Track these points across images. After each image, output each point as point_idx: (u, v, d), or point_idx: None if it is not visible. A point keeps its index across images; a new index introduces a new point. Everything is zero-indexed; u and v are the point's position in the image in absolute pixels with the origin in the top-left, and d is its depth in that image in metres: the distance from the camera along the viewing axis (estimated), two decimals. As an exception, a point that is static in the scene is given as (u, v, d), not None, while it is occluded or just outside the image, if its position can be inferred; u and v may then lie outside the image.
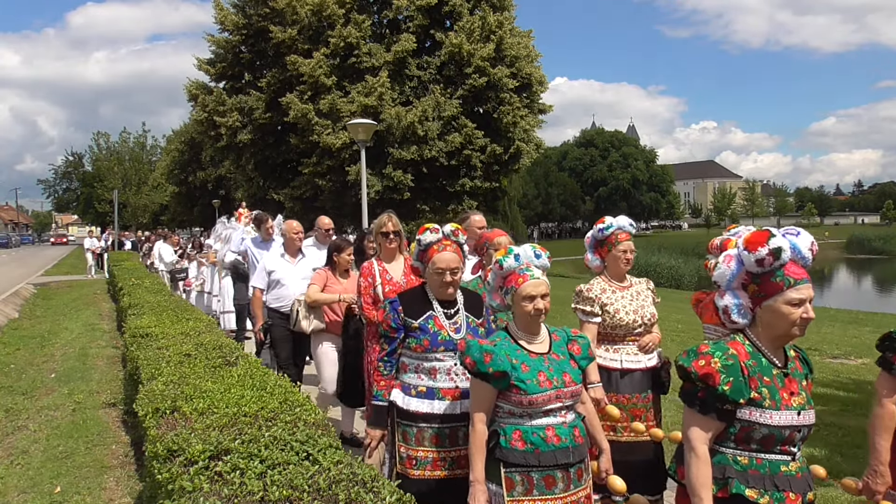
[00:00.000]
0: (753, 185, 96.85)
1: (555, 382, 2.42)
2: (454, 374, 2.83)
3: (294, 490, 1.98)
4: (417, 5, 22.13)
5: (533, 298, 2.47)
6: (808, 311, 1.99)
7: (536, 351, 2.49)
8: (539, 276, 2.53)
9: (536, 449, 2.37)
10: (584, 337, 2.67)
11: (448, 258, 2.87)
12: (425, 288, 2.97)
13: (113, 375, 7.24)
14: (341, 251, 4.83)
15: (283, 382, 3.25)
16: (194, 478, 2.11)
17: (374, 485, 2.04)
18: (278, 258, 5.59)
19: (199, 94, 23.98)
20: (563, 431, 2.42)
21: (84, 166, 63.53)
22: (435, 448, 2.79)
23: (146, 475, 3.18)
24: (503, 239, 3.83)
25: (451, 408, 2.81)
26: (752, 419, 1.99)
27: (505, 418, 2.44)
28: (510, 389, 2.38)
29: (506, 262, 2.56)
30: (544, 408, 2.40)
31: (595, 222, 3.63)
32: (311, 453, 2.26)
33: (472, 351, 2.44)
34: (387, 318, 2.90)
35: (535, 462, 2.37)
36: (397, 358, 2.92)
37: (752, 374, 2.00)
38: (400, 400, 2.86)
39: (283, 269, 5.46)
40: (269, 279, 5.43)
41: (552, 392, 2.40)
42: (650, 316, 3.47)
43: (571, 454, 2.41)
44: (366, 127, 11.14)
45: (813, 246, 2.05)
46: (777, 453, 2.02)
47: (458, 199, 23.30)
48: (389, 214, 4.23)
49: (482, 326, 2.98)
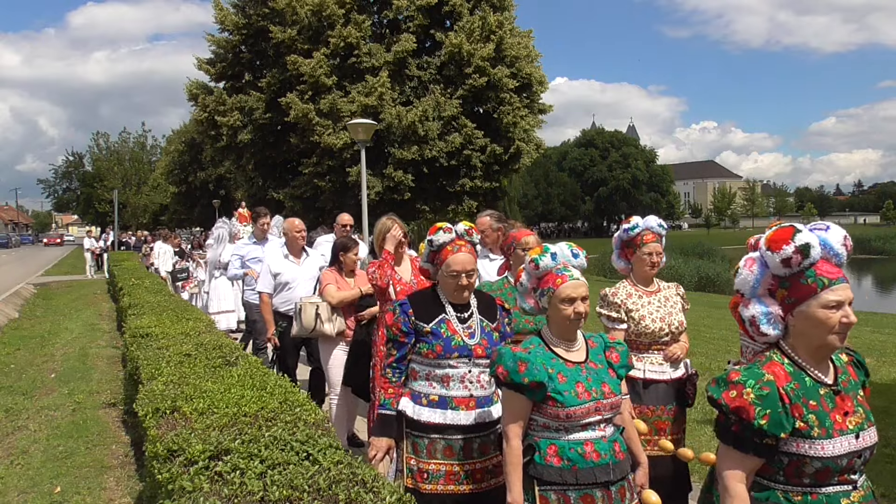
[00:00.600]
0: (753, 185, 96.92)
1: (594, 394, 2.24)
2: (468, 382, 2.67)
3: (294, 490, 1.98)
4: (417, 5, 22.13)
5: (573, 301, 2.27)
6: (847, 314, 1.73)
7: (573, 360, 2.30)
8: (578, 276, 2.34)
9: (574, 465, 2.20)
10: (622, 344, 2.50)
11: (463, 259, 2.71)
12: (437, 290, 2.81)
13: (113, 375, 7.24)
14: (348, 250, 4.58)
15: (283, 382, 3.24)
16: (194, 478, 2.11)
17: (374, 485, 2.03)
18: (282, 259, 5.29)
19: (199, 94, 23.98)
20: (602, 447, 2.24)
21: (84, 166, 63.52)
22: (448, 461, 2.63)
23: (146, 475, 3.17)
24: (531, 238, 3.56)
25: (465, 418, 2.65)
26: (801, 452, 1.73)
27: (539, 432, 2.27)
28: (546, 402, 2.21)
29: (542, 262, 2.36)
30: (582, 421, 2.22)
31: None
32: (311, 453, 2.26)
33: (505, 359, 2.26)
34: (396, 321, 2.72)
35: (573, 480, 2.19)
36: (407, 364, 2.74)
37: (794, 401, 1.73)
38: (410, 409, 2.69)
39: (289, 271, 5.22)
40: (276, 282, 5.19)
41: (591, 404, 2.22)
42: (678, 324, 3.29)
43: (612, 471, 2.23)
44: (366, 127, 11.13)
45: (846, 240, 1.81)
46: (835, 484, 1.76)
47: (458, 199, 23.30)
48: (393, 218, 4.07)
49: (496, 331, 2.81)
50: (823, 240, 1.78)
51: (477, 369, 2.69)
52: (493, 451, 2.69)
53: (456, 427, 2.64)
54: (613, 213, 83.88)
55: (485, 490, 2.65)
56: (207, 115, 23.44)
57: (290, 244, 5.34)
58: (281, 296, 5.19)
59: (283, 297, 5.18)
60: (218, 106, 23.10)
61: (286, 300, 5.15)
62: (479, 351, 2.69)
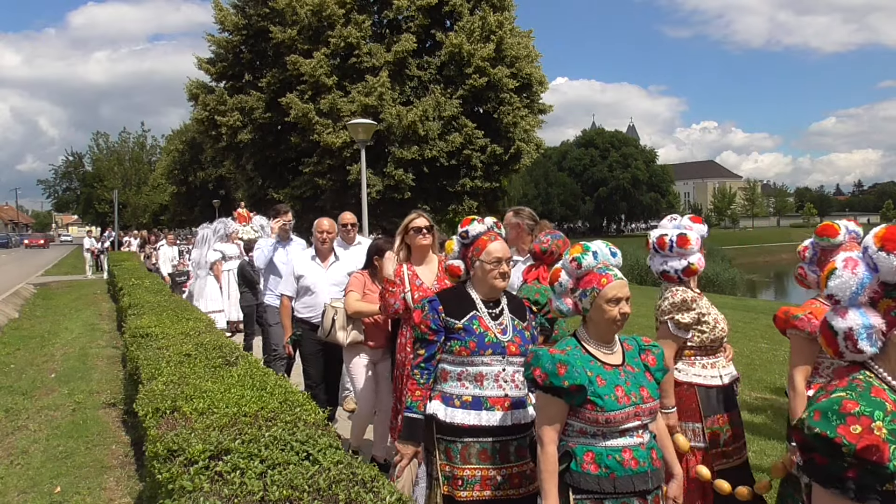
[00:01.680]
0: (753, 184, 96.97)
1: (633, 398, 2.15)
2: (502, 381, 2.56)
3: (294, 490, 1.98)
4: (418, 5, 22.13)
5: (619, 301, 2.19)
6: None
7: (611, 363, 2.22)
8: (621, 276, 2.25)
9: (612, 473, 2.10)
10: (657, 346, 2.40)
11: (502, 247, 2.67)
12: (466, 287, 2.73)
13: (113, 375, 7.24)
14: (384, 254, 4.12)
15: (283, 382, 3.24)
16: (194, 478, 2.11)
17: (374, 485, 2.03)
18: (308, 261, 4.90)
19: (199, 94, 23.99)
20: (640, 454, 2.15)
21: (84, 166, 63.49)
22: (483, 465, 2.51)
23: (146, 475, 3.17)
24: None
25: (502, 419, 2.53)
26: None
27: (575, 438, 2.17)
28: (584, 406, 2.12)
29: (585, 260, 2.26)
30: (621, 426, 2.13)
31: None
32: (311, 453, 2.26)
33: (543, 361, 2.15)
34: (425, 318, 2.61)
35: (611, 488, 2.10)
36: (435, 365, 2.62)
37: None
38: (441, 412, 2.56)
39: (313, 275, 4.81)
40: (298, 285, 4.83)
41: (631, 409, 2.13)
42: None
43: (650, 479, 2.15)
44: (366, 126, 11.14)
45: None
46: None
47: (458, 198, 23.31)
48: (419, 211, 3.84)
49: (528, 330, 2.71)
50: None
51: (511, 368, 2.59)
52: (530, 454, 2.57)
53: (491, 429, 2.53)
54: (613, 213, 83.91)
55: (523, 496, 2.56)
56: (208, 114, 23.46)
57: (316, 246, 4.94)
58: (302, 300, 4.86)
59: (303, 302, 4.85)
60: (218, 106, 23.11)
61: (307, 305, 4.82)
62: (513, 348, 2.60)
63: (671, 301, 2.99)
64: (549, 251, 3.46)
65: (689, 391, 3.02)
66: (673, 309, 2.98)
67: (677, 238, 3.02)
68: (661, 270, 3.10)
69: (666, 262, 3.07)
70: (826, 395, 1.47)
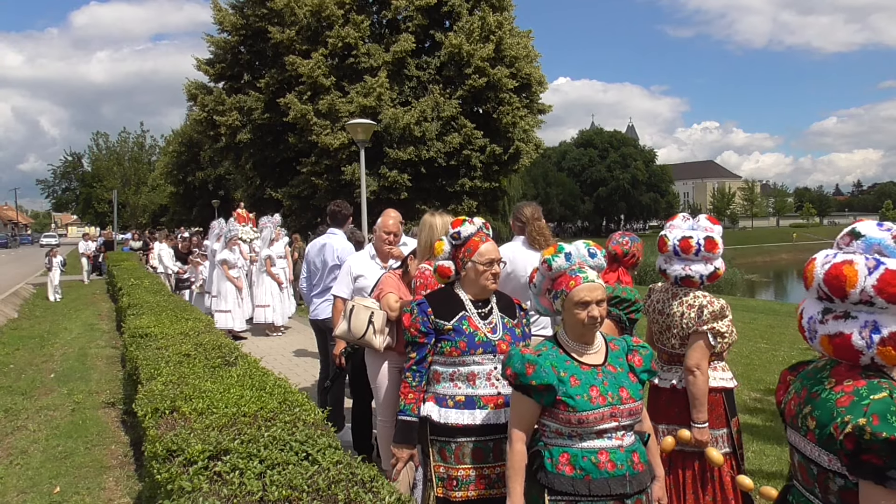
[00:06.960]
0: (752, 185, 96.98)
1: (609, 398, 2.11)
2: (494, 379, 2.57)
3: (293, 490, 1.98)
4: (416, 5, 22.11)
5: (587, 304, 2.16)
6: None
7: (589, 363, 2.19)
8: (594, 278, 2.21)
9: (587, 475, 2.07)
10: (646, 347, 2.34)
11: (493, 248, 2.68)
12: (454, 288, 2.74)
13: (112, 375, 7.24)
14: (416, 255, 3.82)
15: (283, 382, 3.24)
16: (193, 478, 2.12)
17: (373, 485, 2.04)
18: (368, 260, 4.45)
19: (198, 94, 23.98)
20: (619, 457, 2.11)
21: (83, 166, 63.47)
22: (478, 465, 2.53)
23: (145, 475, 3.18)
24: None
25: (495, 417, 2.54)
26: None
27: (552, 438, 2.15)
28: (557, 406, 2.10)
29: (555, 262, 2.25)
30: (596, 427, 2.09)
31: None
32: (311, 453, 2.26)
33: (514, 361, 2.17)
34: (414, 321, 2.63)
35: (585, 490, 2.07)
36: (427, 367, 2.64)
37: None
38: (435, 413, 2.57)
39: (373, 276, 4.33)
40: (355, 286, 4.37)
41: (606, 409, 2.09)
42: None
43: (629, 483, 2.09)
44: (365, 127, 11.12)
45: None
46: None
47: (457, 199, 23.28)
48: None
49: (518, 328, 2.72)
50: None
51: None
52: None
53: (484, 427, 2.54)
54: (613, 213, 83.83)
55: None
56: (207, 114, 23.45)
57: (378, 246, 4.45)
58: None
59: None
60: (217, 106, 23.09)
61: None
62: (504, 346, 2.61)
63: (711, 310, 2.86)
64: (630, 253, 3.43)
65: (717, 396, 2.92)
66: (712, 318, 2.85)
67: (705, 242, 2.89)
68: (682, 275, 2.94)
69: (689, 265, 2.92)
70: (850, 396, 1.48)
